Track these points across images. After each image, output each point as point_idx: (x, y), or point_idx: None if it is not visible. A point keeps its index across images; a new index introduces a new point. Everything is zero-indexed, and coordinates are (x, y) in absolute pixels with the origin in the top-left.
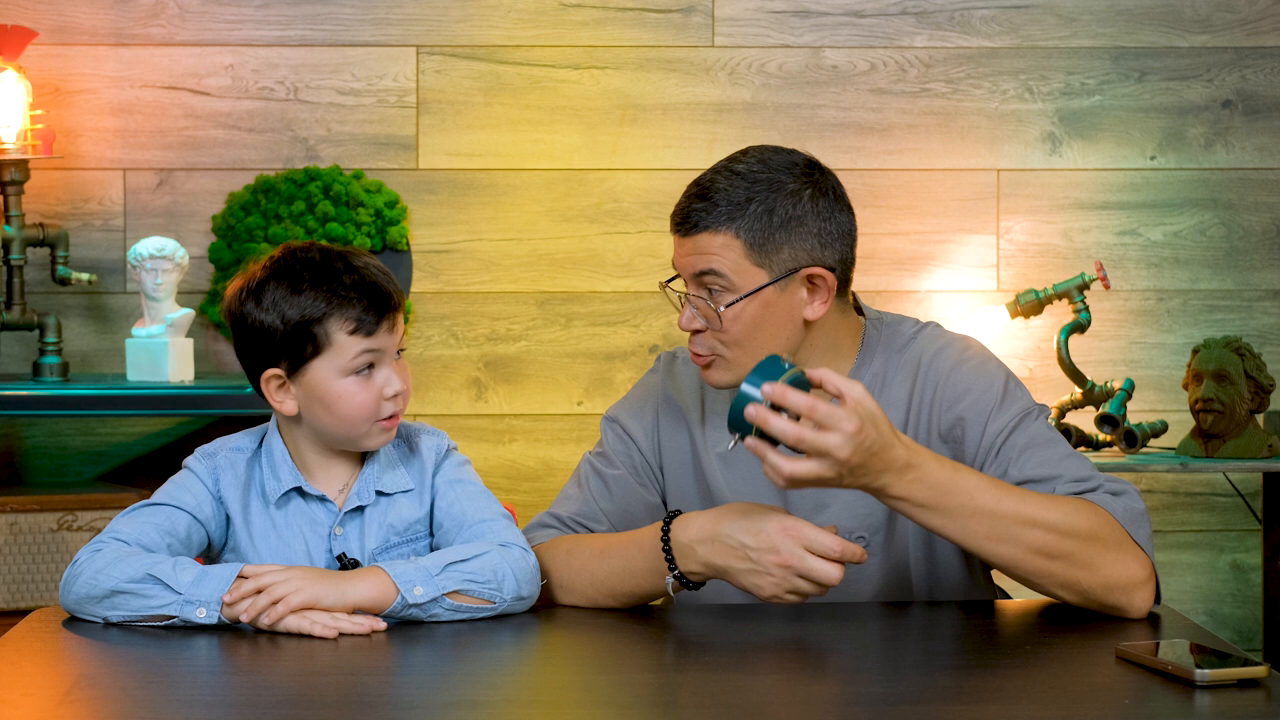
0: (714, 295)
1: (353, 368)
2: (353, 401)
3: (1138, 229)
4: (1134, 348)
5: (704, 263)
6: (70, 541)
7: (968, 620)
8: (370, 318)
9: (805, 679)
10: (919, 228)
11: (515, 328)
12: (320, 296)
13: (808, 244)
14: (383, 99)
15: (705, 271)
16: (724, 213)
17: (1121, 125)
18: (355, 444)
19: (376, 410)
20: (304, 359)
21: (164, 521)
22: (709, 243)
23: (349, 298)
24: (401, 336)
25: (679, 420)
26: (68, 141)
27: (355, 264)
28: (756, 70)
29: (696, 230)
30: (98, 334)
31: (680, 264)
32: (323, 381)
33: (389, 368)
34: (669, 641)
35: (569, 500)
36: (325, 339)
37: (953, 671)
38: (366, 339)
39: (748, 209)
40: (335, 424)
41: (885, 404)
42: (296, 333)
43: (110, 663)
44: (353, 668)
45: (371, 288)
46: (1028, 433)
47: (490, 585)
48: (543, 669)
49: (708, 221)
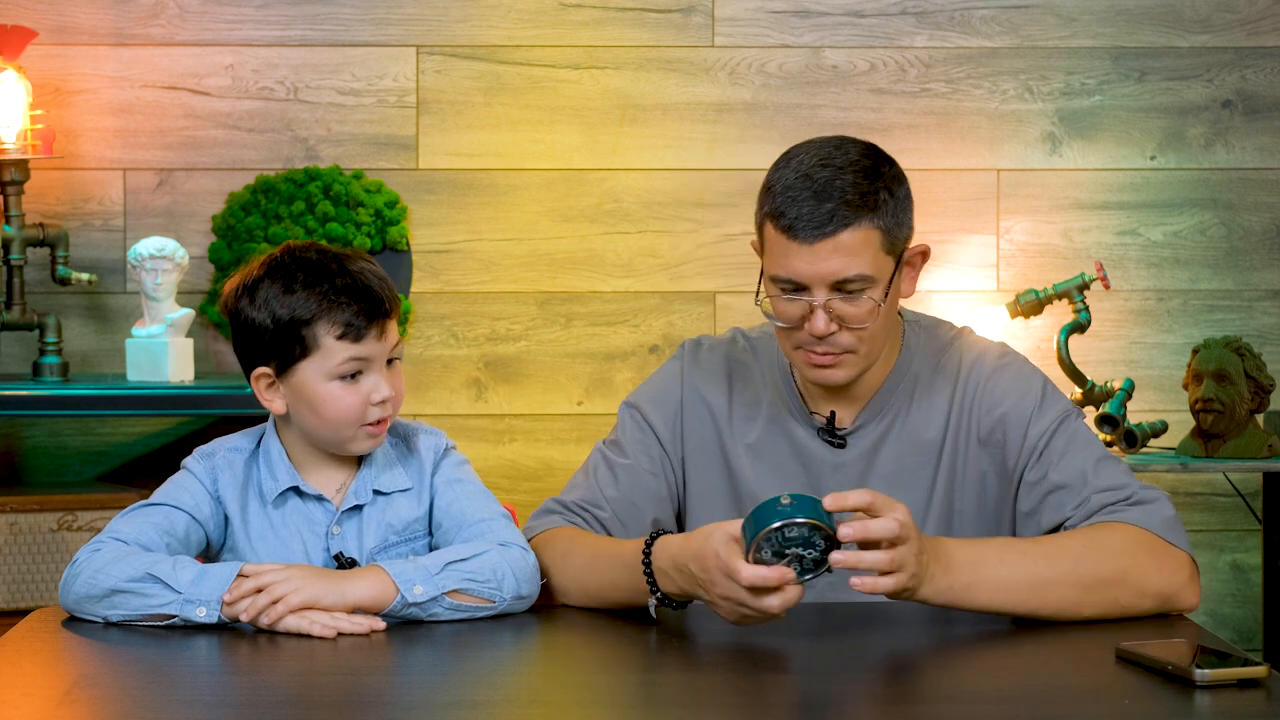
0: (858, 295)
1: (339, 372)
2: (338, 405)
3: (1138, 229)
4: (1134, 348)
5: (851, 267)
6: (70, 541)
7: (968, 620)
8: (359, 323)
9: (806, 679)
10: (919, 228)
11: (515, 328)
12: (311, 298)
13: (910, 218)
14: (383, 99)
15: (854, 277)
16: (859, 205)
17: (1121, 125)
18: (341, 447)
19: (362, 415)
20: (292, 359)
21: (163, 521)
22: (849, 243)
23: (339, 302)
24: (396, 344)
25: (704, 410)
26: (68, 141)
27: (351, 268)
28: (756, 70)
29: (835, 231)
30: (98, 334)
31: (811, 271)
32: (309, 384)
33: (378, 374)
34: (669, 641)
35: (575, 488)
36: (313, 342)
37: (953, 672)
38: (354, 345)
39: (876, 196)
40: (320, 426)
41: (924, 409)
42: (285, 333)
43: (110, 663)
44: (353, 668)
45: (364, 292)
46: (1067, 434)
47: (490, 584)
48: (543, 669)
49: (847, 217)
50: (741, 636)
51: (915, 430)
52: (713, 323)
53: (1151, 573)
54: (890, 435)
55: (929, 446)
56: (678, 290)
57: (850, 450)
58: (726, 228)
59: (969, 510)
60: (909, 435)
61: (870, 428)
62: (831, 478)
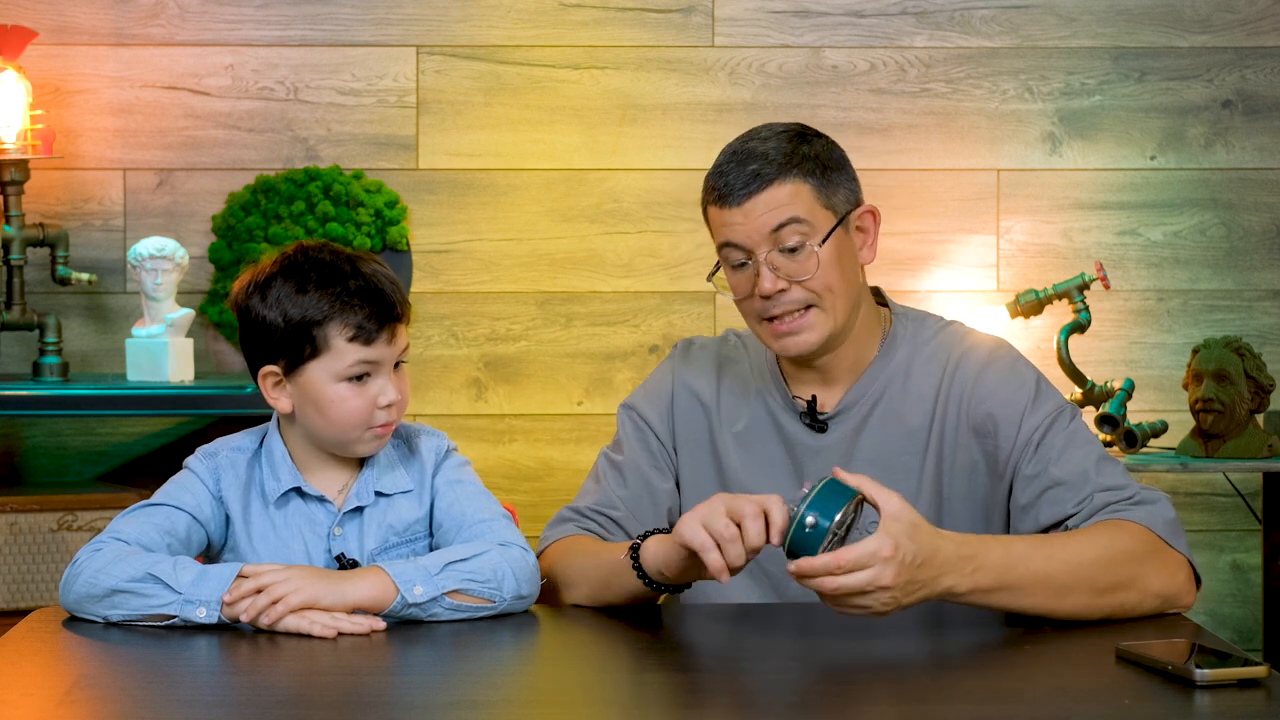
0: (800, 249)
1: (348, 374)
2: (345, 407)
3: (1138, 229)
4: (1134, 348)
5: (784, 213)
6: (70, 541)
7: (967, 620)
8: (371, 326)
9: (806, 679)
10: (919, 228)
11: (515, 328)
12: (324, 299)
13: (852, 185)
14: (383, 99)
15: (787, 222)
16: (783, 163)
17: (1121, 125)
18: (346, 449)
19: (369, 418)
20: (301, 359)
21: (164, 521)
22: (780, 195)
23: (351, 304)
24: (404, 348)
25: (695, 403)
26: (68, 141)
27: (364, 270)
28: (756, 70)
29: (761, 188)
30: (98, 334)
31: (748, 229)
32: (317, 384)
33: (386, 377)
34: (670, 641)
35: (586, 494)
36: (324, 342)
37: (953, 672)
38: (365, 347)
39: (800, 154)
40: (326, 427)
41: (909, 396)
42: (296, 333)
43: (110, 663)
44: (353, 668)
45: (377, 295)
46: (1066, 432)
47: (490, 584)
48: (542, 669)
49: (771, 174)
50: (743, 636)
51: (900, 416)
52: (713, 322)
53: (1155, 575)
54: (873, 420)
55: (915, 433)
56: (678, 290)
57: (832, 434)
58: None
59: (958, 497)
60: (893, 421)
61: (852, 412)
62: (813, 462)
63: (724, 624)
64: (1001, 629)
